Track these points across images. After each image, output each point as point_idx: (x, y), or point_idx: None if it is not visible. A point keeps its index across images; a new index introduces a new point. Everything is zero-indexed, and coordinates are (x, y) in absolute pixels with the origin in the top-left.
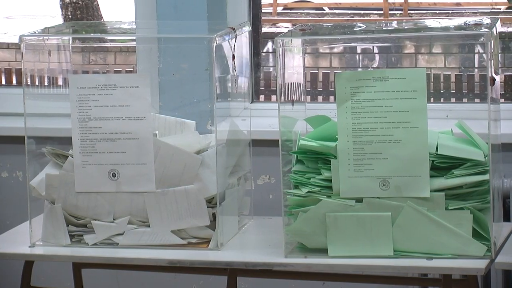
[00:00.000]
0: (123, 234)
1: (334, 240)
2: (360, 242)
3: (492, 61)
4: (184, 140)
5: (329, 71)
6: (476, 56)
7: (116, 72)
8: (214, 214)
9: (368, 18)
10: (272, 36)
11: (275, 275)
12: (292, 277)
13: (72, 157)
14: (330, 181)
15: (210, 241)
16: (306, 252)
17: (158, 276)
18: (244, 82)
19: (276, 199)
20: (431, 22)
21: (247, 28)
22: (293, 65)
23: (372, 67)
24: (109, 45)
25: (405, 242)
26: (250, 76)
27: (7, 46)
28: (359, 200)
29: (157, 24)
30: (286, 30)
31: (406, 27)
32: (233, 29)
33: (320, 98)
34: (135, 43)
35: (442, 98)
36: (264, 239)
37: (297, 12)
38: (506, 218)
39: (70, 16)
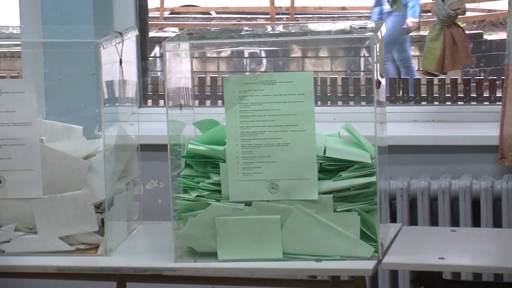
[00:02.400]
0: (9, 241)
1: (223, 244)
2: (249, 245)
3: (378, 64)
4: (72, 146)
5: (217, 75)
6: (362, 59)
7: (0, 77)
8: (102, 220)
9: (255, 22)
10: (159, 41)
11: (164, 280)
12: (181, 281)
13: None
14: (219, 185)
15: (98, 247)
16: (196, 256)
17: (46, 284)
18: (131, 87)
19: (165, 203)
20: (317, 26)
21: (134, 33)
22: (181, 70)
23: (259, 71)
24: None
25: (294, 245)
26: (138, 80)
27: None
28: (248, 204)
29: (43, 28)
30: (173, 35)
31: (293, 31)
32: (120, 33)
33: (208, 102)
34: (20, 48)
35: (329, 101)
36: (153, 244)
37: (184, 17)
38: (393, 219)
39: None
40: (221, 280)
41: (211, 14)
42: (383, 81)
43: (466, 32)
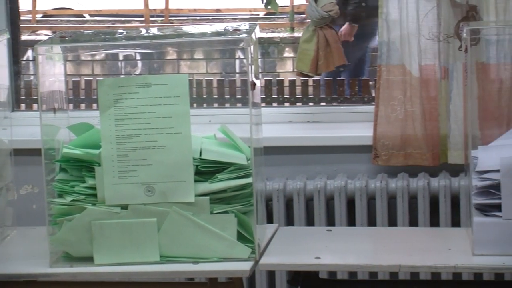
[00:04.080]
0: None
1: (100, 248)
2: (126, 249)
3: (252, 66)
4: None
5: (91, 78)
6: (237, 61)
7: None
8: None
9: (130, 24)
10: (32, 44)
11: (40, 286)
12: (58, 287)
13: None
14: (95, 188)
15: None
16: (72, 261)
17: None
18: (3, 91)
19: (40, 209)
20: (192, 28)
21: (5, 36)
22: (54, 73)
23: (134, 74)
24: None
25: (171, 248)
26: (10, 84)
27: None
28: (124, 207)
29: None
30: (46, 38)
31: (167, 33)
32: None
33: (83, 105)
34: None
35: (205, 104)
36: (28, 250)
37: (57, 20)
38: (269, 220)
39: None
40: (98, 284)
41: (84, 17)
42: (258, 82)
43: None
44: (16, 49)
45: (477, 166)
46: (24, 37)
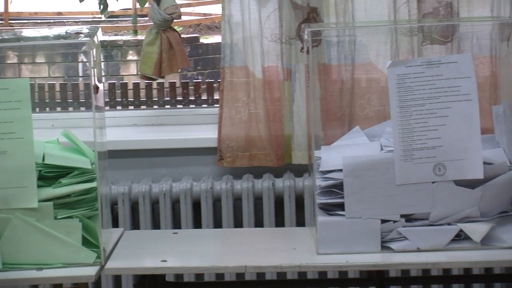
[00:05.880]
0: None
1: None
2: None
3: (95, 69)
4: None
5: None
6: (80, 65)
7: None
8: None
9: None
10: None
11: None
12: None
13: None
14: None
15: None
16: None
17: None
18: None
19: None
20: (33, 32)
21: None
22: None
23: None
24: None
25: (14, 255)
26: None
27: None
28: None
29: None
30: None
31: (7, 37)
32: None
33: None
34: None
35: (47, 108)
36: None
37: None
38: (115, 224)
39: None
40: None
41: None
42: (101, 86)
43: (183, 36)
44: None
45: (320, 166)
46: None
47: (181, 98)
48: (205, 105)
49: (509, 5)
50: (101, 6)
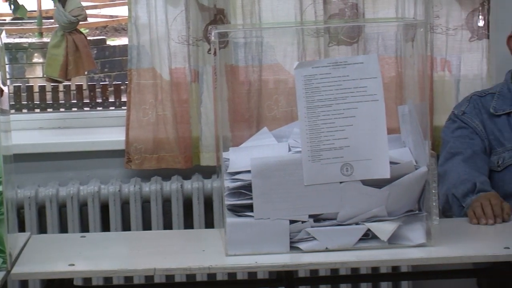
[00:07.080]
0: None
1: None
2: None
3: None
4: None
5: None
6: None
7: None
8: None
9: None
10: None
11: None
12: None
13: None
14: None
15: None
16: None
17: None
18: None
19: None
20: None
21: None
22: None
23: None
24: None
25: None
26: None
27: None
28: None
29: None
30: None
31: None
32: None
33: None
34: None
35: None
36: None
37: None
38: (22, 228)
39: None
40: None
41: None
42: (5, 89)
43: (89, 38)
44: None
45: (228, 167)
46: None
47: (88, 101)
48: (113, 108)
49: (413, 6)
50: (12, 6)
